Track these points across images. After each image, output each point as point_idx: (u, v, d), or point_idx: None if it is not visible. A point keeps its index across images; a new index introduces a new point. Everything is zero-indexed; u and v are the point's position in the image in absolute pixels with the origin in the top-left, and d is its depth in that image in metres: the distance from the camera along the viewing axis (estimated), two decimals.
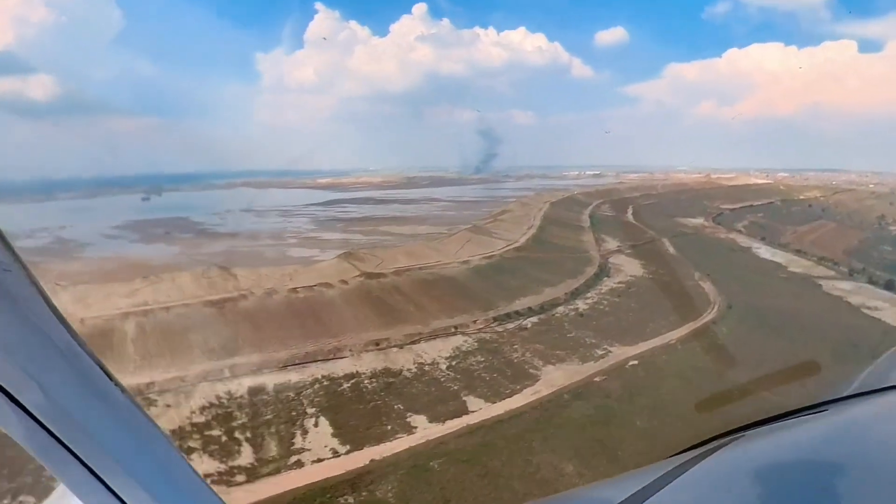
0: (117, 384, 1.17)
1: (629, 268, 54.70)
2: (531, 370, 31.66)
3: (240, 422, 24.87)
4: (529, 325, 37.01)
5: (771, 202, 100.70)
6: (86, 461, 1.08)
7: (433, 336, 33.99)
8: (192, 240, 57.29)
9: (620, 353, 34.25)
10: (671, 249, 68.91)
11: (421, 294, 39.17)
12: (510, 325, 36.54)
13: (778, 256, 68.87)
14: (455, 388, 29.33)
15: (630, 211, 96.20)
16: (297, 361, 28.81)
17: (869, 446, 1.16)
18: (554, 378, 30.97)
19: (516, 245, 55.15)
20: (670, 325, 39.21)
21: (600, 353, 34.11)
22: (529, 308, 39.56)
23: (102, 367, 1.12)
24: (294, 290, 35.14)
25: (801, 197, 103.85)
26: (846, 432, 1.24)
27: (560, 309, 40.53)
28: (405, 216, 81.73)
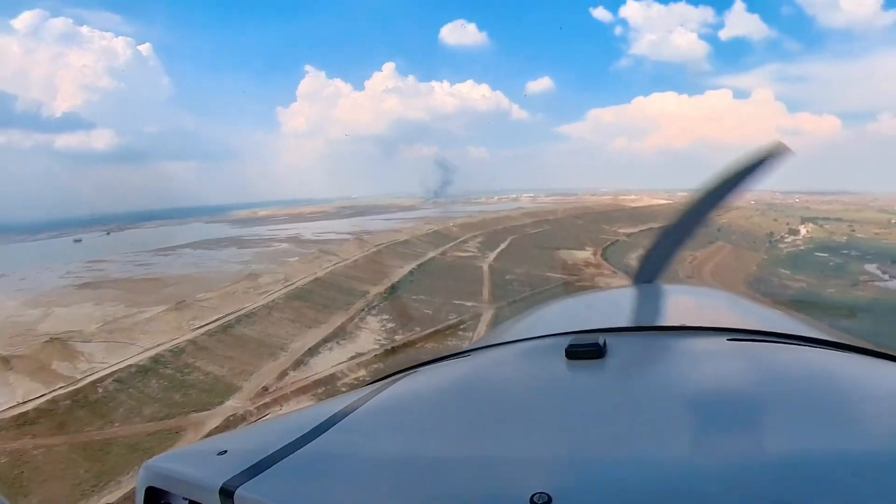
0: None
1: None
2: None
3: None
4: None
5: None
6: None
7: None
8: None
9: None
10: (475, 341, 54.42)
11: None
12: None
13: None
14: None
15: (502, 246, 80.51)
16: None
17: (502, 386, 1.45)
18: None
19: (52, 396, 22.60)
20: None
21: None
22: None
23: None
24: None
25: None
26: (483, 373, 1.57)
27: None
28: (168, 275, 50.32)
